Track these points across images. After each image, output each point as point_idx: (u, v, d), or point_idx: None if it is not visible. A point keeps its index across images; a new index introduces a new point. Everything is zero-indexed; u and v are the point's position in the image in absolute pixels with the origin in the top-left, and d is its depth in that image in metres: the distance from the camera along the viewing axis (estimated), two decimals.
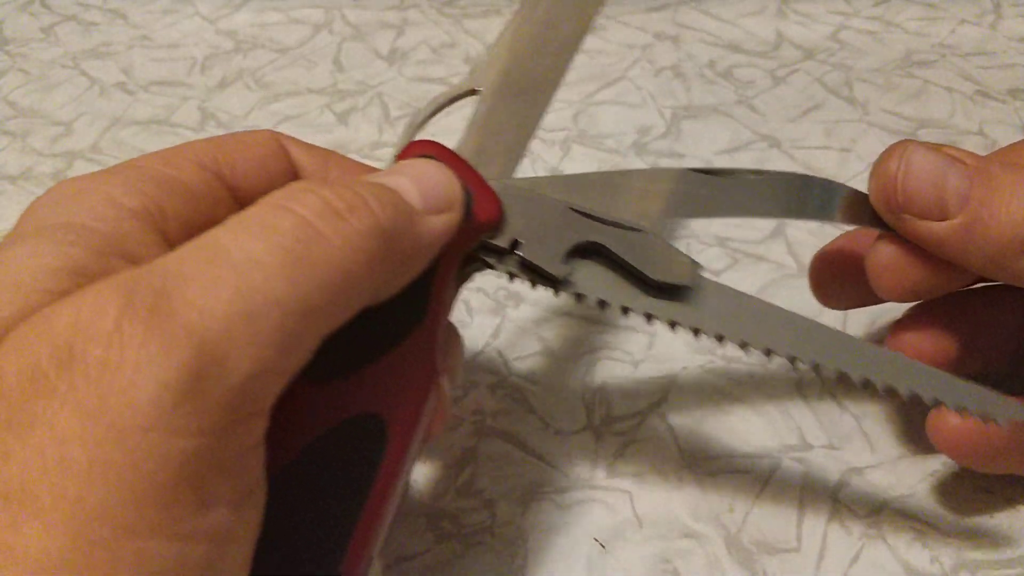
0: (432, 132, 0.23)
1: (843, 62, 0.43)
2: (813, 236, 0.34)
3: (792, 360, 0.22)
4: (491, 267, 0.22)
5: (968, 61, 0.43)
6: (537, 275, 0.22)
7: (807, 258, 0.33)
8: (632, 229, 0.22)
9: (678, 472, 0.27)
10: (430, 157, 0.21)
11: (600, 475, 0.27)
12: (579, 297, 0.22)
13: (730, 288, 0.22)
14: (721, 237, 0.34)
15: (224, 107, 0.42)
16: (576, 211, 0.22)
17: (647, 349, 0.30)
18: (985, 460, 0.24)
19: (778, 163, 0.38)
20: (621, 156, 0.38)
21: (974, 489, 0.26)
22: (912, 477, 0.27)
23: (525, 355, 0.30)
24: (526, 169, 0.38)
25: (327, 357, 0.17)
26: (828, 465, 0.27)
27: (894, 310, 0.31)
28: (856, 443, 0.27)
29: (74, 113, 0.42)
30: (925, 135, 0.39)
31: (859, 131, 0.39)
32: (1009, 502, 0.26)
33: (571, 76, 0.43)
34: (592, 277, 0.22)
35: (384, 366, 0.19)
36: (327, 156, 0.22)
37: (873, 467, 0.27)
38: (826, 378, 0.22)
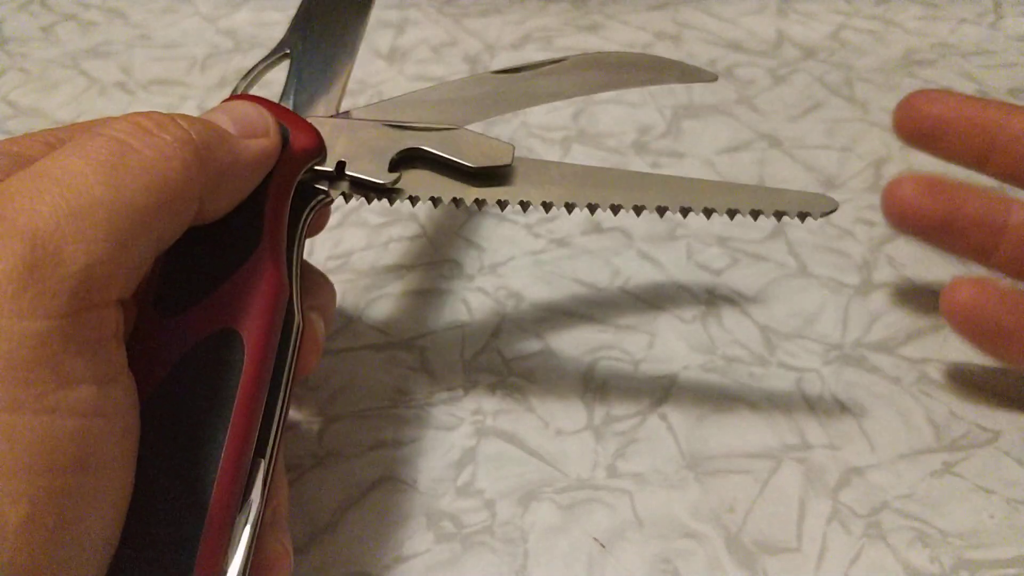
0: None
1: (844, 61, 0.43)
2: (813, 236, 0.34)
3: (615, 208, 0.24)
4: (326, 192, 0.24)
5: (968, 61, 0.43)
6: (368, 189, 0.24)
7: (808, 258, 0.33)
8: (447, 129, 0.25)
9: (678, 472, 0.27)
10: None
11: (600, 475, 0.27)
12: (413, 200, 0.24)
13: (547, 161, 0.25)
14: (721, 237, 0.34)
15: None
16: (392, 125, 0.25)
17: (647, 349, 0.30)
18: (992, 340, 0.23)
19: (778, 162, 0.38)
20: (621, 155, 0.38)
21: (974, 489, 0.26)
22: (912, 477, 0.27)
23: (525, 355, 0.30)
24: None
25: (176, 287, 0.20)
26: (828, 465, 0.27)
27: (893, 316, 0.32)
28: (856, 443, 0.27)
29: (74, 113, 0.42)
30: None
31: (859, 131, 0.39)
32: (1009, 502, 0.26)
33: None
34: (420, 180, 0.24)
35: (231, 286, 0.20)
36: None
37: (873, 467, 0.27)
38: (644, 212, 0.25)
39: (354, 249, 0.35)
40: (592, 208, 0.24)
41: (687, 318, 0.31)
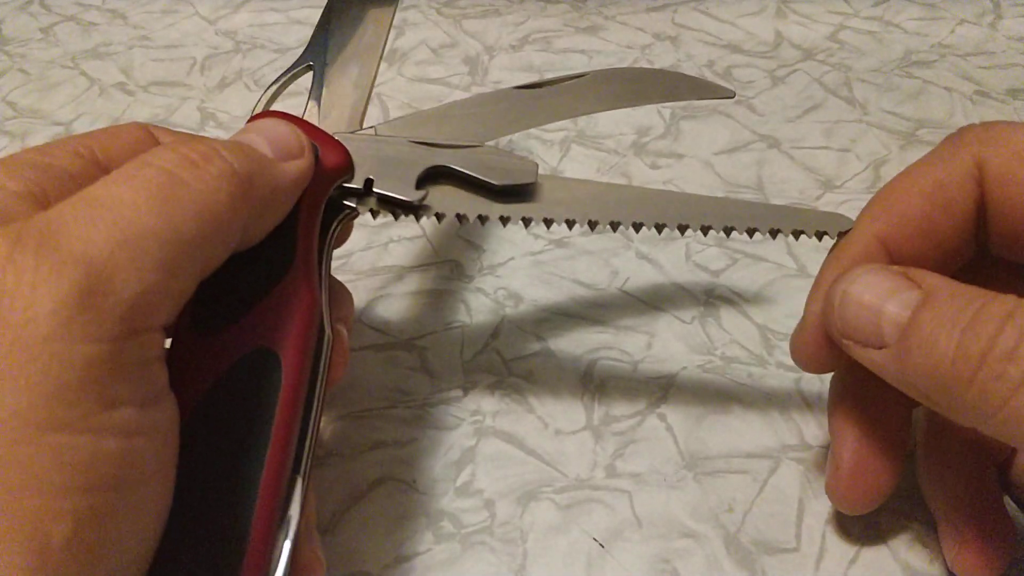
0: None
1: (842, 62, 0.43)
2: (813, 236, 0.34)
3: (637, 226, 0.25)
4: (355, 209, 0.24)
5: (968, 61, 0.43)
6: (396, 206, 0.24)
7: (807, 258, 0.33)
8: (471, 147, 0.25)
9: (677, 472, 0.27)
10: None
11: (599, 475, 0.27)
12: (439, 217, 0.25)
13: (570, 178, 0.25)
14: (720, 238, 0.34)
15: (224, 107, 0.42)
16: (418, 143, 0.25)
17: (646, 349, 0.30)
18: None
19: (777, 163, 0.38)
20: (620, 156, 0.38)
21: None
22: (911, 477, 0.27)
23: (525, 355, 0.30)
24: None
25: (213, 308, 0.20)
26: (827, 465, 0.27)
27: None
28: None
29: (74, 113, 0.42)
30: (924, 135, 0.39)
31: (858, 131, 0.39)
32: (1008, 503, 0.26)
33: None
34: (446, 197, 0.25)
35: (266, 305, 0.21)
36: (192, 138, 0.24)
37: None
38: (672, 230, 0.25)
39: (354, 249, 0.35)
40: (615, 226, 0.25)
41: (686, 318, 0.32)
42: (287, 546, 0.19)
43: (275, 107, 0.26)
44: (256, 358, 0.20)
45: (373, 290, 0.33)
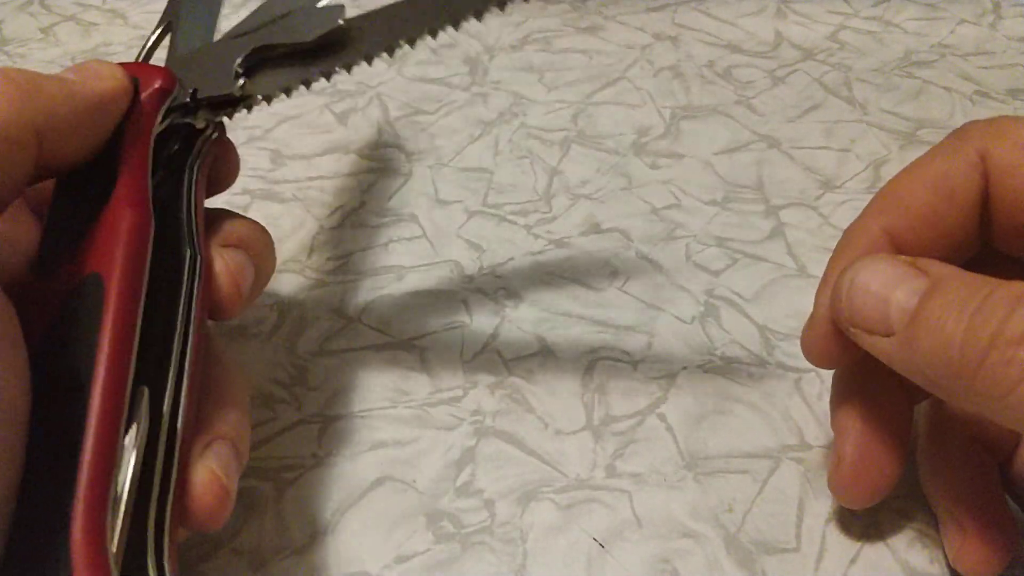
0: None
1: (842, 62, 0.43)
2: (812, 236, 0.34)
3: (433, 32, 0.24)
4: (192, 125, 0.24)
5: (968, 61, 0.43)
6: (222, 106, 0.25)
7: (807, 258, 0.33)
8: (281, 17, 0.25)
9: (677, 472, 0.27)
10: None
11: (599, 475, 0.27)
12: (268, 100, 0.25)
13: (376, 9, 0.25)
14: (721, 237, 0.34)
15: None
16: (235, 36, 0.25)
17: (646, 349, 0.30)
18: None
19: (777, 163, 0.38)
20: (620, 156, 0.38)
21: None
22: (912, 477, 0.27)
23: (525, 355, 0.30)
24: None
25: (48, 250, 0.21)
26: (827, 465, 0.27)
27: None
28: None
29: None
30: (924, 135, 0.39)
31: (858, 131, 0.39)
32: (1008, 502, 0.26)
33: (570, 76, 0.43)
34: (268, 78, 0.25)
35: (93, 234, 0.21)
36: None
37: None
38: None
39: (354, 249, 0.35)
40: (433, 33, 0.24)
41: (686, 319, 0.32)
42: (133, 453, 0.19)
43: None
44: (83, 285, 0.20)
45: (373, 290, 0.33)
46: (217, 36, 0.27)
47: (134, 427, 0.20)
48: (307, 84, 0.25)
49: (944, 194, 0.23)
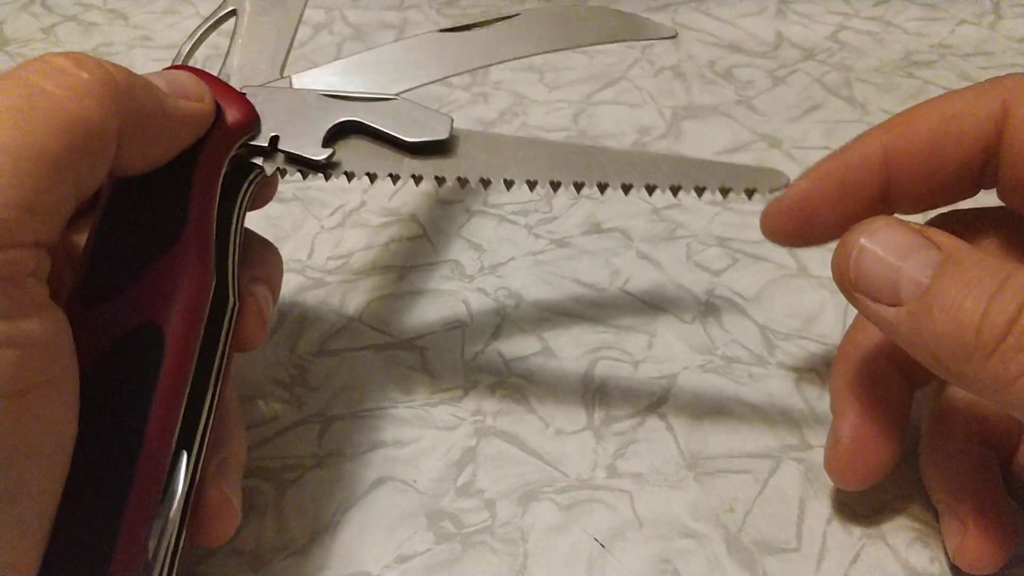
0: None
1: (843, 62, 0.43)
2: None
3: (555, 185, 0.23)
4: (261, 168, 0.23)
5: (968, 61, 0.43)
6: (302, 164, 0.23)
7: (807, 258, 0.33)
8: (383, 99, 0.24)
9: (678, 472, 0.27)
10: None
11: (600, 475, 0.27)
12: (349, 176, 0.24)
13: (489, 133, 0.24)
14: (721, 237, 0.34)
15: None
16: (329, 95, 0.24)
17: (647, 349, 0.30)
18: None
19: (778, 163, 0.38)
20: None
21: None
22: (912, 477, 0.27)
23: (525, 355, 0.30)
24: None
25: (99, 277, 0.20)
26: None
27: None
28: None
29: None
30: None
31: (859, 131, 0.39)
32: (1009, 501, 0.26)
33: (571, 76, 0.43)
34: (356, 154, 0.24)
35: (153, 277, 0.20)
36: None
37: None
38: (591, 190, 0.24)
39: (355, 249, 0.35)
40: (531, 185, 0.23)
41: (687, 318, 0.31)
42: (168, 522, 0.19)
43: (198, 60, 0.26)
44: (140, 333, 0.20)
45: (373, 290, 0.33)
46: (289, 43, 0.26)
47: (174, 496, 0.19)
48: (394, 180, 0.24)
49: (954, 134, 0.22)
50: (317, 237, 0.35)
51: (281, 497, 0.27)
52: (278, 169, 0.23)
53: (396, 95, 0.24)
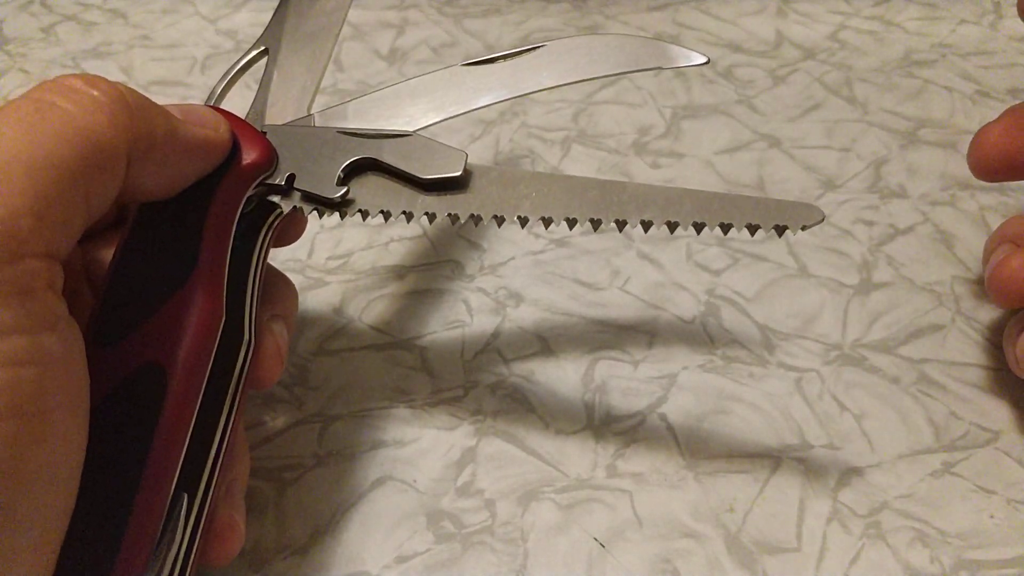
0: None
1: (843, 62, 0.43)
2: (812, 236, 0.34)
3: (571, 222, 0.23)
4: (279, 208, 0.23)
5: (968, 61, 0.43)
6: (318, 203, 0.23)
7: (808, 258, 0.33)
8: (399, 135, 0.24)
9: (678, 472, 0.27)
10: None
11: (600, 475, 0.27)
12: (364, 214, 0.23)
13: (505, 168, 0.24)
14: (721, 237, 0.34)
15: (224, 107, 0.42)
16: (345, 133, 0.24)
17: (647, 349, 0.30)
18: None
19: (778, 162, 0.38)
20: (621, 156, 0.38)
21: (974, 489, 0.26)
22: (912, 477, 0.27)
23: (525, 355, 0.30)
24: (524, 166, 0.38)
25: (110, 317, 0.20)
26: (828, 465, 0.27)
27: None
28: (856, 443, 0.27)
29: None
30: (925, 134, 0.39)
31: (859, 131, 0.39)
32: (1009, 502, 0.26)
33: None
34: (371, 191, 0.24)
35: (162, 316, 0.20)
36: None
37: (873, 467, 0.27)
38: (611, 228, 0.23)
39: (355, 249, 0.35)
40: (547, 223, 0.23)
41: (687, 318, 0.31)
42: (167, 565, 0.19)
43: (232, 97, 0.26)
44: (144, 372, 0.19)
45: (373, 290, 0.33)
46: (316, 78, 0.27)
47: (173, 538, 0.19)
48: (408, 218, 0.23)
49: None
50: (317, 237, 0.35)
51: (281, 497, 0.27)
52: (295, 207, 0.23)
53: (414, 131, 0.24)
